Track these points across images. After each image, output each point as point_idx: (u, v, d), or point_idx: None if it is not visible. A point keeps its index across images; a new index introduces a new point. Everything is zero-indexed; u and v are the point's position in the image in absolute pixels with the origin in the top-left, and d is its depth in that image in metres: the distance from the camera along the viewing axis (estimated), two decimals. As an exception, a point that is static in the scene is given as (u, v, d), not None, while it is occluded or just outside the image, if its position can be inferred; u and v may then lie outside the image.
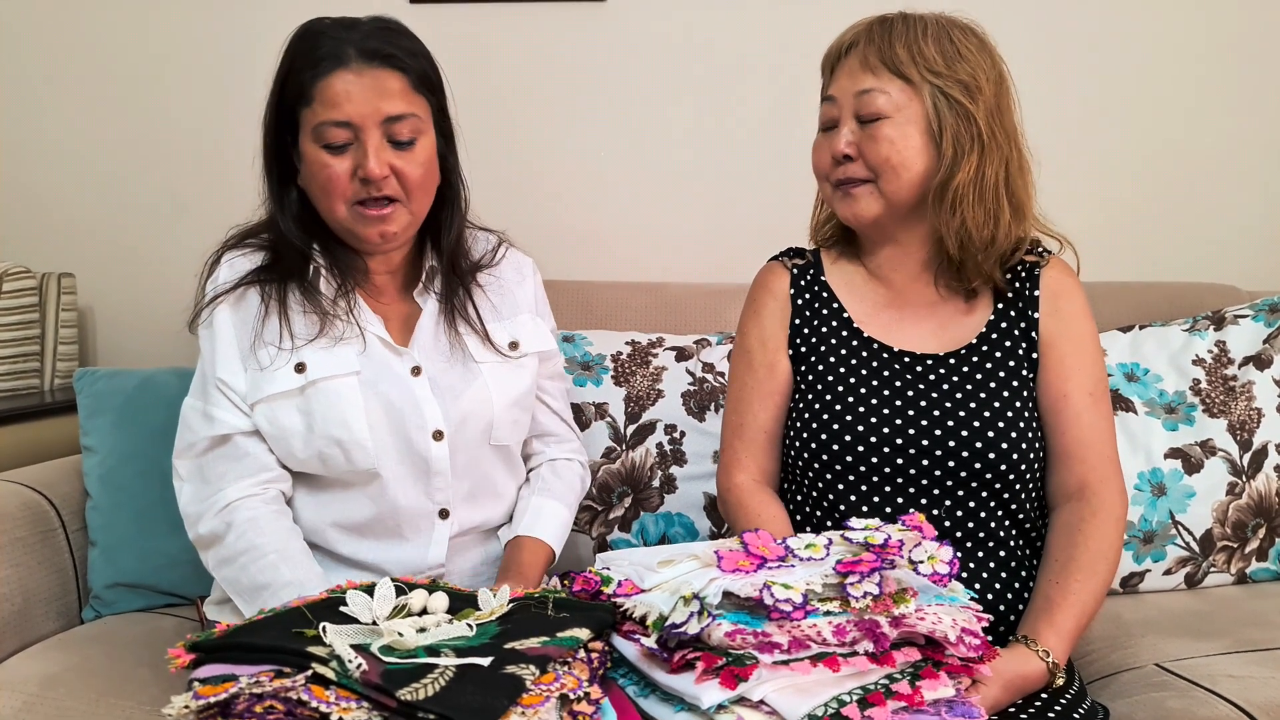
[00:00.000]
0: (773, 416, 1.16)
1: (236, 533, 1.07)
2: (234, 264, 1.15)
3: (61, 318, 1.84)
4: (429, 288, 1.20)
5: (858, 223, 1.12)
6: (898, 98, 1.06)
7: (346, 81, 1.06)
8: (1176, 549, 1.37)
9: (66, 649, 1.24)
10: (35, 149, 1.95)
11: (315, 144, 1.08)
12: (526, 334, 1.24)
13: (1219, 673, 1.07)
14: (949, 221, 1.07)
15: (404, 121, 1.08)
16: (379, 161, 1.06)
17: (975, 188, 1.06)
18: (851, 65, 1.09)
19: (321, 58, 1.07)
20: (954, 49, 1.06)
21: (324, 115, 1.06)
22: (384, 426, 1.12)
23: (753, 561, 0.80)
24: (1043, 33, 1.76)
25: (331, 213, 1.11)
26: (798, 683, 0.74)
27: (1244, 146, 1.79)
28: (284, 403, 1.10)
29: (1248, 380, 1.43)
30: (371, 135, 1.06)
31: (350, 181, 1.07)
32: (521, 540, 1.19)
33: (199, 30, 1.90)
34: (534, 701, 0.68)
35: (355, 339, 1.13)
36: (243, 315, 1.13)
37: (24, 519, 1.34)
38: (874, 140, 1.06)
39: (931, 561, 0.81)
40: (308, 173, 1.10)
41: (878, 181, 1.08)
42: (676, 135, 1.85)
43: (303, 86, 1.07)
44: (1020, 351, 1.11)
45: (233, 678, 0.66)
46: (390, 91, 1.07)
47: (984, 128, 1.05)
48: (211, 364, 1.12)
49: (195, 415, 1.13)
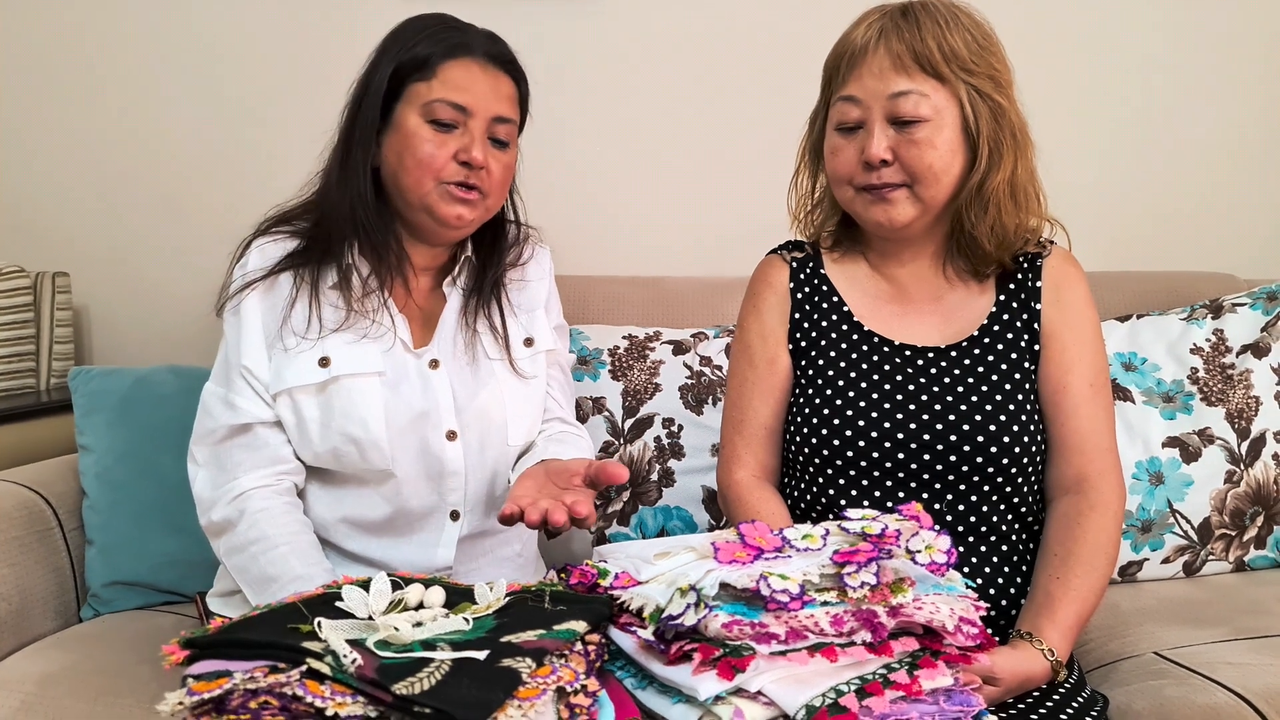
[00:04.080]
0: (773, 412, 1.16)
1: (249, 521, 1.07)
2: (264, 250, 1.15)
3: (56, 317, 1.83)
4: (456, 280, 1.21)
5: (890, 229, 1.08)
6: (935, 99, 1.02)
7: (472, 70, 1.12)
8: (1175, 537, 1.37)
9: (64, 648, 1.24)
10: (30, 148, 1.95)
11: (422, 118, 1.10)
12: (540, 329, 1.25)
13: (1217, 660, 1.07)
14: (982, 220, 1.06)
15: (506, 125, 1.14)
16: (483, 150, 1.11)
17: (1010, 186, 1.05)
18: (879, 64, 1.03)
19: (453, 42, 1.12)
20: (975, 40, 1.03)
21: (442, 93, 1.10)
22: (401, 427, 1.11)
23: (749, 552, 0.79)
24: (1039, 20, 1.76)
25: (418, 186, 1.11)
26: (795, 673, 0.73)
27: (1241, 135, 1.79)
28: (305, 395, 1.10)
29: (1245, 368, 1.42)
30: (480, 125, 1.12)
31: (448, 161, 1.10)
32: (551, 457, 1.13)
33: (195, 30, 1.89)
34: (531, 695, 0.68)
35: (383, 337, 1.13)
36: (273, 300, 1.13)
37: (21, 518, 1.34)
38: (914, 145, 1.03)
39: (929, 551, 0.80)
40: (400, 145, 1.11)
41: (914, 186, 1.05)
42: (672, 129, 1.84)
43: (427, 60, 1.11)
44: (1022, 343, 1.10)
45: (227, 674, 0.65)
46: (505, 95, 1.14)
47: (1016, 122, 1.04)
48: (237, 350, 1.12)
49: (217, 402, 1.12)
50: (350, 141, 1.14)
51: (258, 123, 1.90)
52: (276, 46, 1.87)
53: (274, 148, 1.87)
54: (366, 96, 1.13)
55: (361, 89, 1.14)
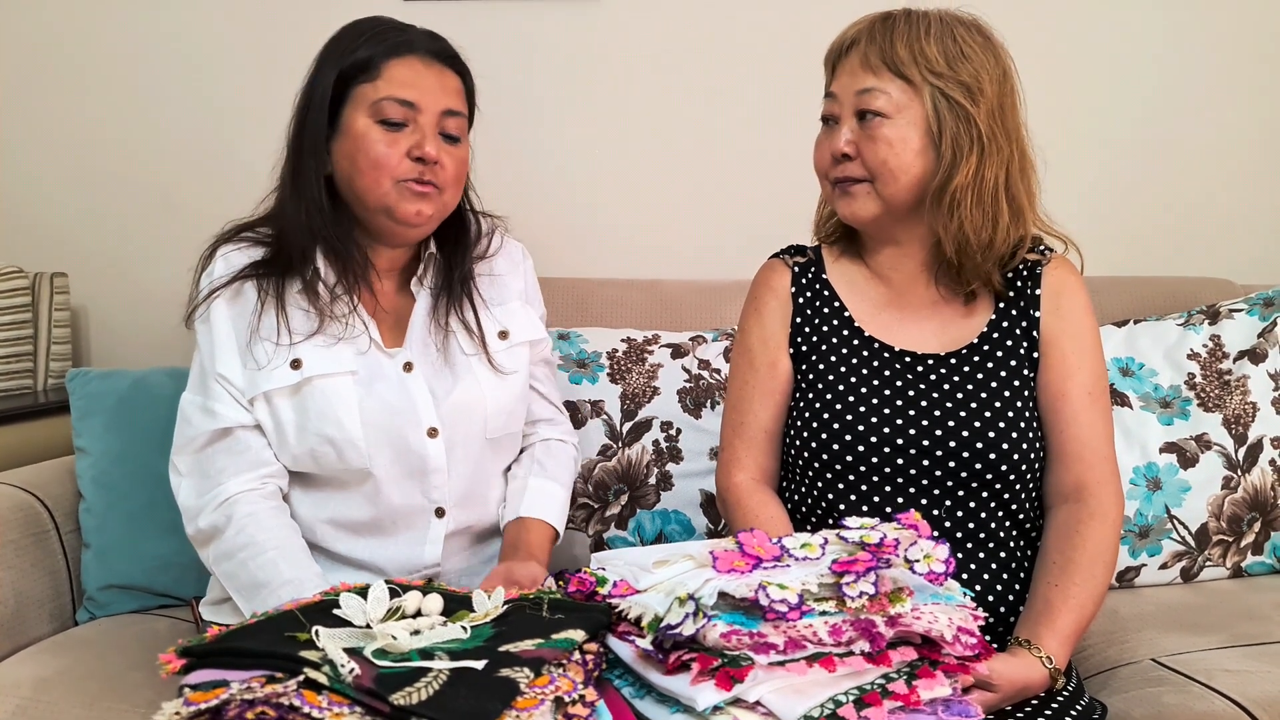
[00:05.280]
0: (773, 416, 1.16)
1: (236, 527, 1.07)
2: (229, 258, 1.15)
3: (54, 318, 1.83)
4: (423, 280, 1.20)
5: (855, 222, 1.12)
6: (898, 98, 1.05)
7: (416, 67, 1.12)
8: (1172, 543, 1.37)
9: (60, 652, 1.24)
10: (29, 149, 1.94)
11: (371, 119, 1.10)
12: (516, 323, 1.24)
13: (1215, 667, 1.07)
14: (946, 224, 1.07)
15: (456, 119, 1.14)
16: (435, 145, 1.11)
17: (974, 190, 1.05)
18: (853, 63, 1.08)
19: (394, 41, 1.12)
20: (957, 48, 1.04)
21: (389, 92, 1.10)
22: (378, 426, 1.11)
23: (748, 562, 0.79)
24: (1040, 27, 1.76)
25: (375, 187, 1.11)
26: (794, 683, 0.74)
27: (1239, 140, 1.79)
28: (279, 398, 1.10)
29: (1242, 374, 1.42)
30: (430, 121, 1.11)
31: (402, 159, 1.10)
32: (526, 521, 1.19)
33: (194, 31, 1.89)
34: (529, 705, 0.68)
35: (355, 338, 1.13)
36: (239, 309, 1.13)
37: (16, 521, 1.33)
38: (873, 141, 1.05)
39: (928, 560, 0.80)
40: (352, 147, 1.11)
41: (875, 183, 1.07)
42: (672, 131, 1.84)
43: (370, 62, 1.11)
44: (1022, 351, 1.10)
45: (224, 683, 0.65)
46: (451, 89, 1.14)
47: (984, 129, 1.04)
48: (211, 358, 1.12)
49: (195, 410, 1.12)
50: (300, 152, 1.14)
51: (257, 124, 1.88)
52: (277, 48, 1.86)
53: (273, 149, 1.86)
54: (312, 105, 1.12)
55: (306, 98, 1.13)
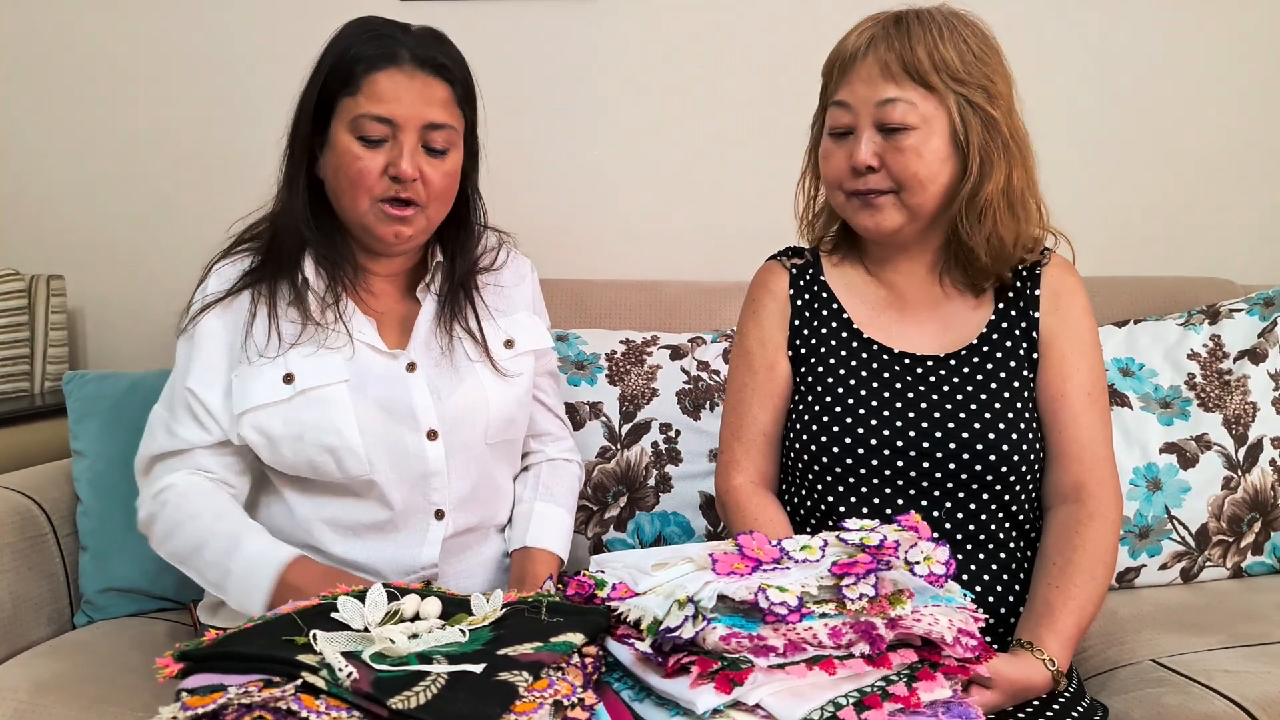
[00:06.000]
0: (772, 418, 1.15)
1: (171, 507, 1.09)
2: (222, 273, 1.16)
3: (51, 320, 1.82)
4: (430, 286, 1.20)
5: (878, 234, 1.09)
6: (923, 108, 1.03)
7: (396, 80, 1.08)
8: (1172, 544, 1.37)
9: (58, 655, 1.23)
10: (26, 151, 1.94)
11: (350, 134, 1.09)
12: (522, 332, 1.24)
13: (1215, 668, 1.07)
14: (977, 231, 1.06)
15: (442, 131, 1.10)
16: (412, 163, 1.08)
17: (1005, 196, 1.05)
18: (869, 71, 1.04)
19: (376, 52, 1.09)
20: (970, 50, 1.03)
21: (367, 108, 1.08)
22: (376, 431, 1.11)
23: (748, 564, 0.79)
24: (1037, 26, 1.76)
25: (354, 205, 1.10)
26: (793, 686, 0.73)
27: (1239, 141, 1.79)
28: (272, 412, 1.09)
29: (1243, 374, 1.42)
30: (410, 137, 1.09)
31: (379, 178, 1.09)
32: (531, 552, 1.20)
33: (193, 32, 1.88)
34: (527, 708, 0.67)
35: (343, 346, 1.13)
36: (233, 318, 1.13)
37: (14, 524, 1.33)
38: (900, 152, 1.03)
39: (928, 562, 0.80)
40: (335, 162, 1.10)
41: (901, 193, 1.05)
42: (670, 133, 1.84)
43: (351, 75, 1.09)
44: (1021, 352, 1.10)
45: (221, 688, 0.65)
46: (436, 100, 1.10)
47: (1007, 133, 1.03)
48: (184, 373, 1.12)
49: (160, 425, 1.14)
50: (291, 160, 1.14)
51: (256, 126, 1.87)
52: (276, 49, 1.86)
53: (272, 151, 1.86)
54: (301, 115, 1.12)
55: (299, 106, 1.13)
